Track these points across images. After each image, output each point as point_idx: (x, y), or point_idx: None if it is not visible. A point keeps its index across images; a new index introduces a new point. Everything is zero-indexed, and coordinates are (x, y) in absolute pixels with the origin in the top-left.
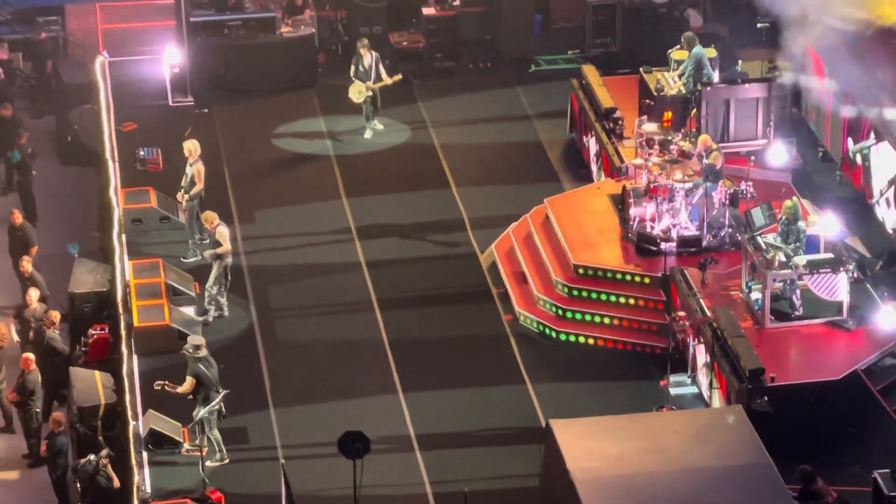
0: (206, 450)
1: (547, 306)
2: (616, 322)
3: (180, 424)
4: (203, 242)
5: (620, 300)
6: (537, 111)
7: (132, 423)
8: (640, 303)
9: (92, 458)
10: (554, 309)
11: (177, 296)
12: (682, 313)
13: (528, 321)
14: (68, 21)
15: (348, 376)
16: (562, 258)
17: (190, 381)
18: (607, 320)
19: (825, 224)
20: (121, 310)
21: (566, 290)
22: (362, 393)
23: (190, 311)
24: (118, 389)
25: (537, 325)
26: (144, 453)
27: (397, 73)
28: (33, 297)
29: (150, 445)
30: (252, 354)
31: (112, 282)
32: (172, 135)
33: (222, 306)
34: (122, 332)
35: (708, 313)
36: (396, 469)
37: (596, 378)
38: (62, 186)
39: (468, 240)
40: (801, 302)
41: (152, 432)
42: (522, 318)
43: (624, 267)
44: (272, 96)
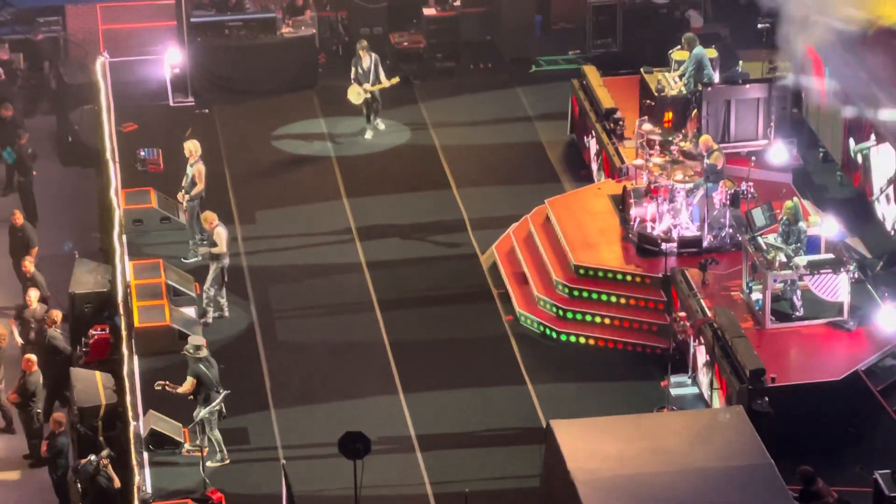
0: (206, 450)
1: (547, 307)
2: (617, 322)
3: (181, 425)
4: (203, 243)
5: (621, 301)
6: (538, 112)
7: (133, 424)
8: (641, 303)
9: (92, 458)
10: (554, 309)
11: (177, 296)
12: (682, 314)
13: (529, 322)
14: (69, 21)
15: (349, 377)
16: (562, 259)
17: (190, 381)
18: (608, 321)
19: (826, 224)
20: (121, 310)
21: (567, 291)
22: (363, 393)
23: (190, 312)
24: (119, 390)
25: (538, 326)
26: (145, 454)
27: (395, 75)
28: (33, 298)
29: (150, 446)
30: (252, 355)
31: (113, 282)
32: (173, 135)
33: (222, 307)
34: (123, 332)
35: (709, 314)
36: (397, 469)
37: (596, 378)
38: (63, 187)
39: (469, 240)
40: (801, 302)
41: (153, 433)
42: (523, 318)
43: (624, 267)
44: (273, 97)
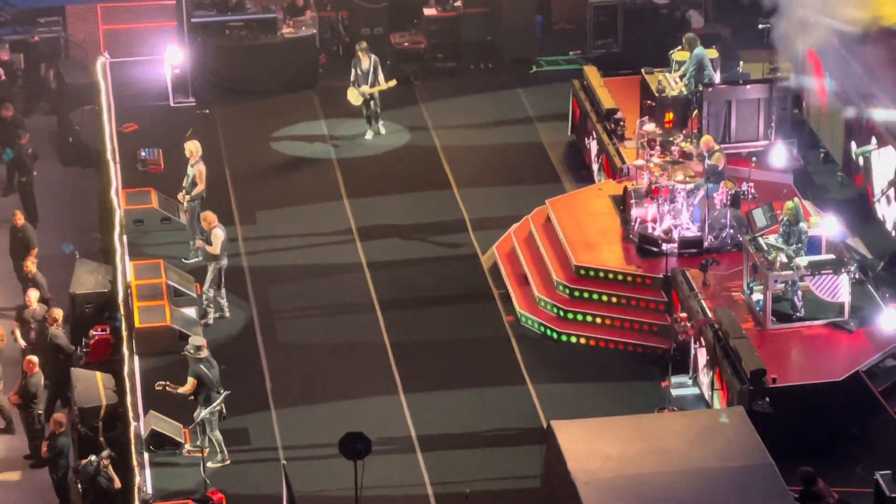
0: (207, 451)
1: (548, 307)
2: (617, 323)
3: (181, 425)
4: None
5: (622, 301)
6: (538, 112)
7: (133, 424)
8: (642, 304)
9: (93, 458)
10: (555, 310)
11: (178, 297)
12: (683, 314)
13: (530, 322)
14: (69, 22)
15: (349, 377)
16: (563, 259)
17: (191, 381)
18: (608, 321)
19: (827, 225)
20: (122, 311)
21: (567, 291)
22: (363, 394)
23: (191, 312)
24: (119, 390)
25: (538, 326)
26: (146, 454)
27: (393, 77)
28: (33, 299)
29: (151, 446)
30: (253, 355)
31: (113, 283)
32: (174, 136)
33: (223, 307)
34: (124, 332)
35: (709, 314)
36: (397, 470)
37: (597, 379)
38: (63, 187)
39: (469, 241)
40: (802, 303)
41: (153, 433)
42: (524, 318)
43: (625, 268)
44: (273, 97)
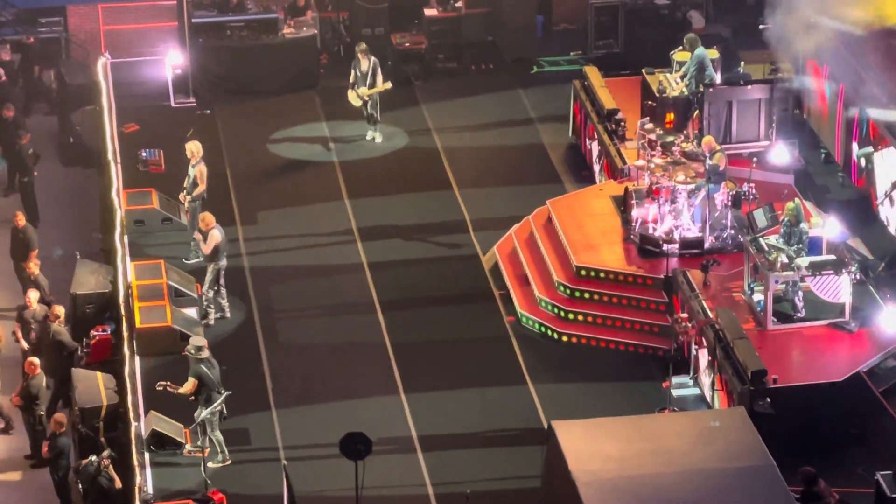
0: (207, 451)
1: (549, 307)
2: (618, 324)
3: (182, 425)
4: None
5: (622, 302)
6: (539, 112)
7: (134, 424)
8: (643, 304)
9: (94, 459)
10: (556, 310)
11: (179, 297)
12: (684, 315)
13: (530, 322)
14: (70, 22)
15: (350, 377)
16: (564, 259)
17: (192, 382)
18: (609, 322)
19: (827, 226)
20: (123, 311)
21: (568, 292)
22: (364, 394)
23: (192, 313)
24: (120, 390)
25: (539, 327)
26: (146, 454)
27: (393, 78)
28: (33, 299)
29: (151, 446)
30: (254, 355)
31: (114, 283)
32: (174, 136)
33: (223, 307)
34: (125, 333)
35: (710, 315)
36: (398, 470)
37: (598, 379)
38: (64, 187)
39: (470, 241)
40: (803, 304)
41: (154, 433)
42: (524, 319)
43: (626, 268)
44: (274, 97)
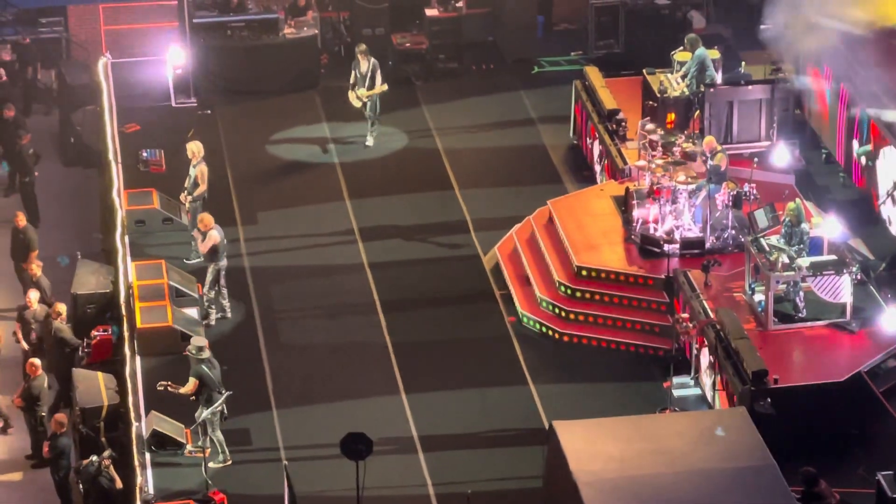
0: (208, 451)
1: (550, 308)
2: (619, 324)
3: (183, 426)
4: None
5: (623, 302)
6: (540, 113)
7: (135, 425)
8: (643, 304)
9: (94, 459)
10: (557, 310)
11: (180, 297)
12: (685, 315)
13: (531, 322)
14: (71, 22)
15: (351, 377)
16: (565, 260)
17: (193, 382)
18: (610, 322)
19: (828, 226)
20: (123, 311)
21: (569, 292)
22: (365, 394)
23: (193, 313)
24: (121, 391)
25: (540, 327)
26: (147, 454)
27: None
28: (33, 299)
29: (152, 447)
30: (254, 355)
31: (115, 283)
32: (175, 136)
33: (224, 308)
34: (125, 333)
35: (711, 315)
36: (399, 470)
37: (599, 379)
38: (65, 188)
39: (471, 241)
40: (804, 304)
41: (155, 433)
42: (525, 319)
43: (627, 269)
44: (275, 98)
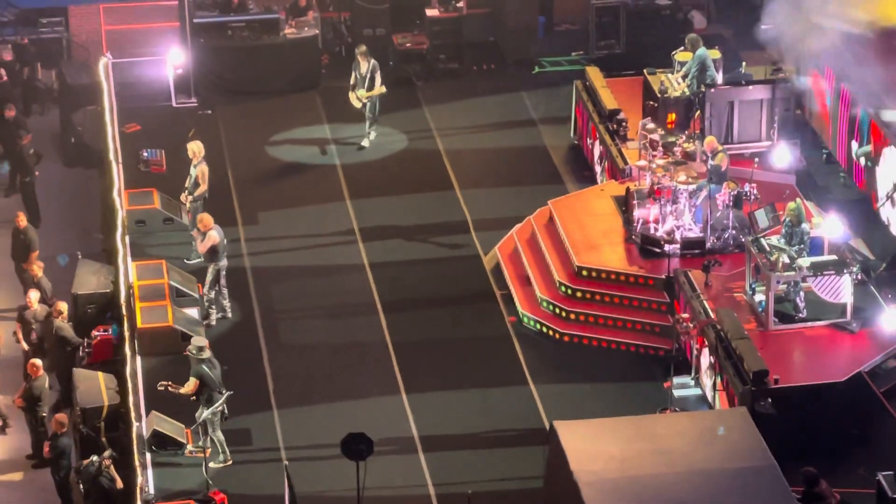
0: (209, 451)
1: (550, 308)
2: (619, 324)
3: (184, 426)
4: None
5: (624, 302)
6: (541, 113)
7: (135, 425)
8: (644, 304)
9: (95, 459)
10: (557, 310)
11: (180, 297)
12: (685, 315)
13: (532, 322)
14: (72, 22)
15: (351, 377)
16: (565, 260)
17: (193, 382)
18: (610, 322)
19: (829, 226)
20: (124, 311)
21: (569, 292)
22: (365, 394)
23: (193, 313)
24: (121, 391)
25: (540, 327)
26: (148, 454)
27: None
28: (33, 299)
29: (153, 447)
30: (255, 356)
31: (115, 283)
32: (176, 136)
33: (224, 308)
34: (126, 333)
35: (712, 315)
36: (400, 470)
37: (599, 380)
38: (66, 188)
39: (472, 241)
40: (804, 304)
41: (156, 433)
42: (526, 319)
43: (627, 269)
44: (275, 98)
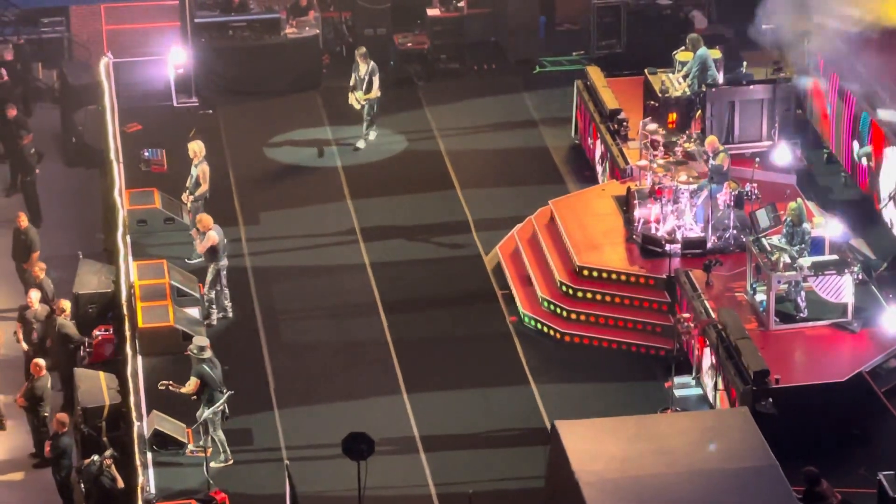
0: (210, 451)
1: (551, 307)
2: (620, 323)
3: (185, 425)
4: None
5: (625, 302)
6: (542, 113)
7: (136, 424)
8: (645, 304)
9: (96, 458)
10: (558, 310)
11: (181, 297)
12: (686, 315)
13: (533, 322)
14: (73, 22)
15: (352, 377)
16: (566, 260)
17: (194, 381)
18: (612, 322)
19: (830, 226)
20: (125, 311)
21: (570, 292)
22: (366, 394)
23: (194, 313)
24: (122, 390)
25: (541, 327)
26: (149, 454)
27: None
28: (34, 299)
29: (154, 446)
30: (256, 355)
31: (116, 283)
32: (177, 136)
33: (225, 307)
34: (127, 333)
35: (713, 315)
36: (401, 470)
37: (600, 379)
38: (67, 187)
39: (473, 241)
40: (805, 304)
41: (157, 433)
42: (527, 319)
43: (628, 268)
44: (276, 98)
